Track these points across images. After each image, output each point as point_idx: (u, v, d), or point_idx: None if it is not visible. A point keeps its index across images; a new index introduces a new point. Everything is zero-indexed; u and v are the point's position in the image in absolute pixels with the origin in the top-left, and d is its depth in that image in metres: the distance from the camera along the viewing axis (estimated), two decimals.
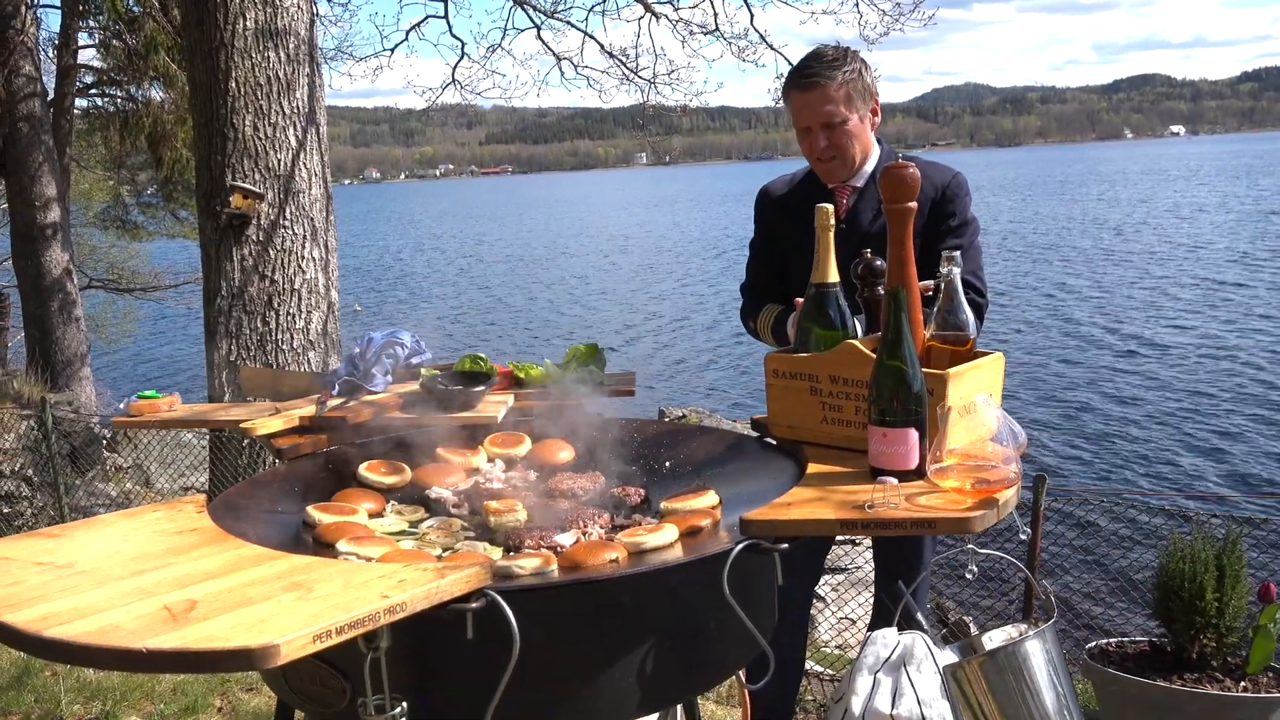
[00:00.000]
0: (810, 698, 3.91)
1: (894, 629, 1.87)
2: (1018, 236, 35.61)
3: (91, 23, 12.37)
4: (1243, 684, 2.95)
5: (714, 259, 35.43)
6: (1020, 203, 53.90)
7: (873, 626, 2.82)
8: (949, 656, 1.82)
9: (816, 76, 2.55)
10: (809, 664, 4.23)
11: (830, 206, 2.11)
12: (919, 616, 1.81)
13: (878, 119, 2.67)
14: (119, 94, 12.86)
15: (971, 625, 4.96)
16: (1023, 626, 1.98)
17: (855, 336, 2.07)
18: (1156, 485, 10.05)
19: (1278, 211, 38.02)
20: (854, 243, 2.48)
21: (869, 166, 2.67)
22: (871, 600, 5.28)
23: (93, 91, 13.09)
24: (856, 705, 1.76)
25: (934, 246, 2.44)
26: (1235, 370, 14.64)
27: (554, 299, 27.67)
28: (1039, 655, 1.70)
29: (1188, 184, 61.20)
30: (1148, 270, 25.24)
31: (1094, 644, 3.25)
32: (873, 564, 5.71)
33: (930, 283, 2.13)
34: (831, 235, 2.11)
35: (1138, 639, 3.27)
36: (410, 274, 36.92)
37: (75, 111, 12.68)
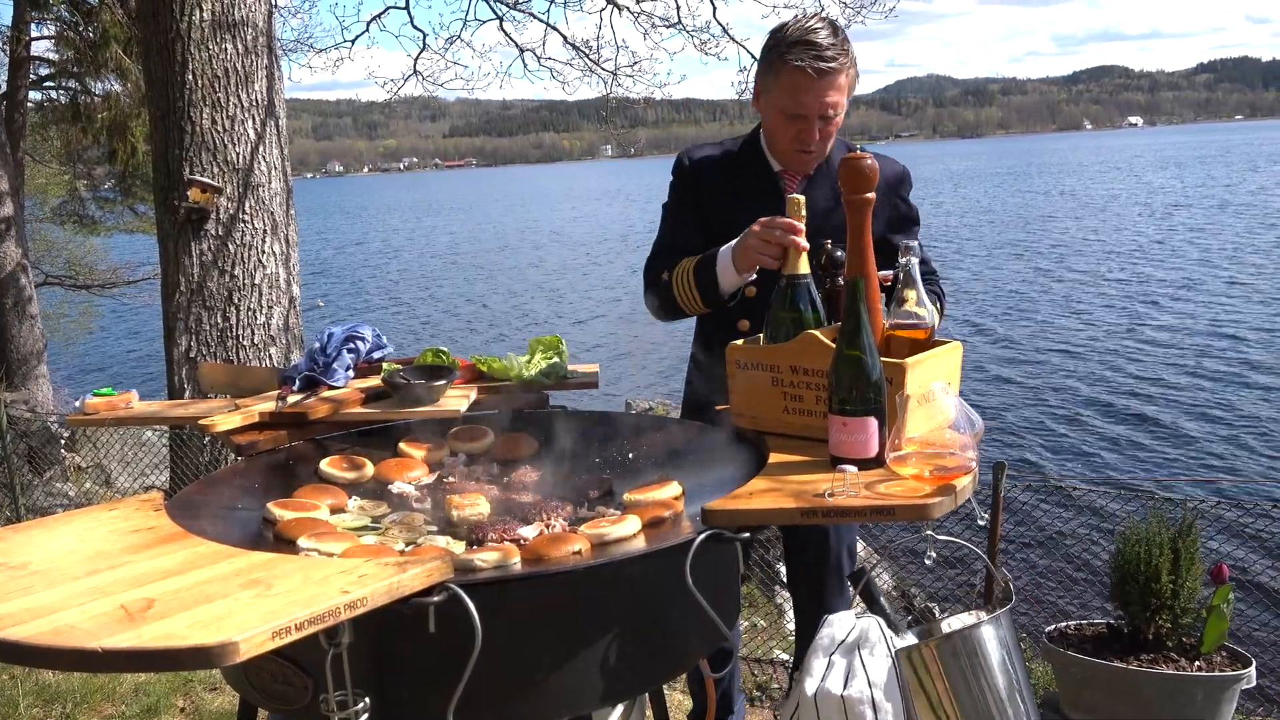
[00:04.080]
0: (776, 685, 3.94)
1: (851, 612, 1.89)
2: (971, 227, 35.96)
3: (45, 14, 12.14)
4: (1197, 664, 3.01)
5: None
6: (972, 194, 54.48)
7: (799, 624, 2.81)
8: (908, 640, 1.84)
9: (834, 59, 2.29)
10: (776, 652, 4.26)
11: (803, 198, 2.12)
12: (882, 601, 1.83)
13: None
14: (74, 87, 12.64)
15: (936, 611, 5.02)
16: (982, 613, 2.00)
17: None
18: (1113, 471, 10.21)
19: (1230, 202, 38.65)
20: (810, 231, 2.37)
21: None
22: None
23: (47, 84, 12.85)
24: (810, 686, 1.78)
25: (888, 240, 2.44)
26: (1187, 357, 14.90)
27: (517, 292, 27.57)
28: (993, 640, 1.73)
29: (1130, 175, 62.00)
30: (1098, 261, 25.59)
31: (1053, 627, 3.30)
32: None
33: (889, 273, 2.16)
34: (803, 226, 2.12)
35: (1096, 621, 3.33)
36: (373, 268, 36.62)
37: (29, 105, 12.44)
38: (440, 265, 36.25)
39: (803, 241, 2.13)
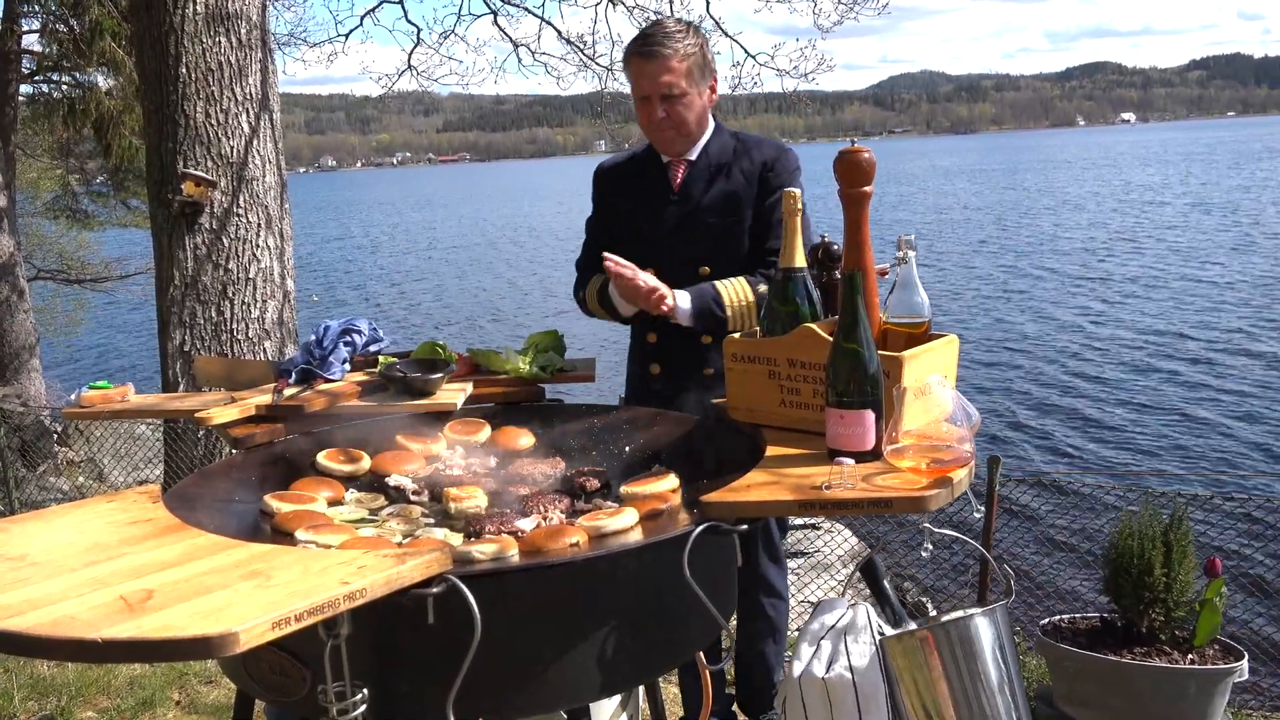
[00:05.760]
0: None
1: (844, 598, 1.90)
2: (956, 223, 36.03)
3: (35, 7, 12.07)
4: (1190, 656, 3.02)
5: None
6: (959, 190, 54.58)
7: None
8: (906, 627, 1.85)
9: (659, 46, 2.58)
10: None
11: (797, 191, 2.14)
12: (885, 584, 1.84)
13: (715, 96, 2.74)
14: (64, 80, 12.57)
15: (930, 606, 5.04)
16: (980, 610, 2.01)
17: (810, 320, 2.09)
18: (1106, 464, 10.24)
19: (1214, 200, 38.75)
20: (688, 213, 2.67)
21: (703, 141, 2.74)
22: (833, 584, 5.34)
23: (37, 78, 12.78)
24: (796, 669, 1.80)
25: (765, 219, 2.64)
26: (1181, 352, 14.95)
27: (513, 286, 27.55)
28: (987, 632, 1.73)
29: (1115, 172, 62.14)
30: (1095, 255, 25.67)
31: (1047, 620, 3.31)
32: (835, 548, 5.77)
33: (886, 265, 2.16)
34: (798, 220, 2.12)
35: (1089, 615, 3.34)
36: (367, 262, 36.54)
37: (20, 98, 12.37)
38: (435, 259, 36.18)
39: (640, 280, 2.46)
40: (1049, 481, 4.67)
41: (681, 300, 2.55)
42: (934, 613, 2.02)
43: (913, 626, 1.81)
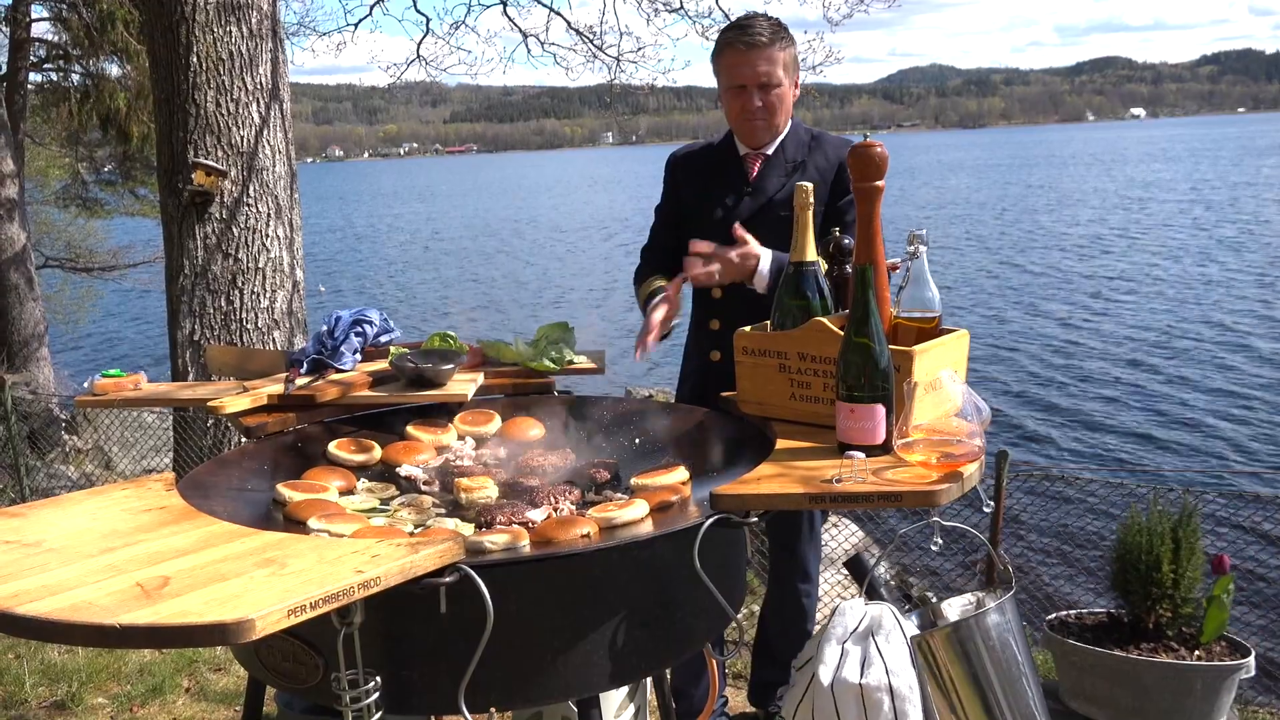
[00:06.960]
0: None
1: (861, 600, 1.90)
2: (974, 218, 35.95)
3: None
4: (1197, 653, 3.02)
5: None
6: (961, 185, 54.49)
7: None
8: (910, 625, 1.85)
9: (762, 35, 2.62)
10: None
11: (810, 185, 2.14)
12: (882, 591, 1.84)
13: (798, 93, 2.78)
14: (75, 69, 12.60)
15: (932, 597, 5.04)
16: (981, 594, 2.01)
17: (822, 314, 2.09)
18: (1116, 460, 10.23)
19: (1218, 197, 38.61)
20: (760, 206, 2.71)
21: (781, 136, 2.77)
22: (839, 578, 5.35)
23: (47, 66, 12.80)
24: (825, 675, 1.78)
25: (837, 218, 2.66)
26: (1189, 349, 14.92)
27: (523, 278, 27.56)
28: (999, 625, 1.74)
29: (1119, 169, 61.93)
30: (1103, 251, 25.60)
31: (1053, 615, 3.31)
32: (842, 542, 5.77)
33: (897, 260, 2.16)
34: (810, 214, 2.13)
35: (1096, 610, 3.34)
36: (376, 253, 36.58)
37: (29, 86, 12.40)
38: (444, 251, 36.19)
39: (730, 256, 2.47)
40: (1057, 477, 4.67)
41: (764, 262, 2.54)
42: (935, 601, 2.02)
43: (914, 627, 1.81)
